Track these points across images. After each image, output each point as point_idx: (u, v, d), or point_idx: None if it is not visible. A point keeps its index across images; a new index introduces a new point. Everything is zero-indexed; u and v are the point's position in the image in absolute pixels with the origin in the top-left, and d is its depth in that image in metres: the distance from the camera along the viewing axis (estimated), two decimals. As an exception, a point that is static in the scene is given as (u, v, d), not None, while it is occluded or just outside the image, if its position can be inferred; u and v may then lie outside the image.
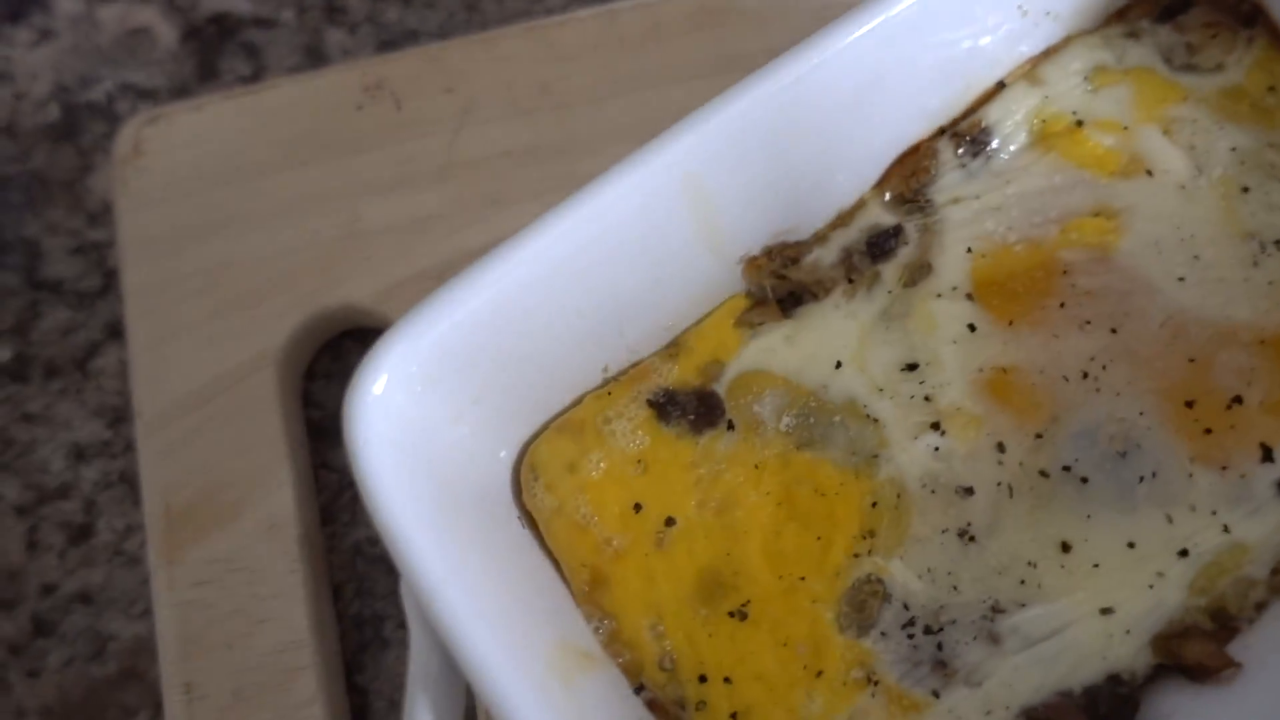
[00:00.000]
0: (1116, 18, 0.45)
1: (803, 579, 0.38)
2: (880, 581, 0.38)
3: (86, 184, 0.55)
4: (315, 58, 0.57)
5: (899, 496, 0.39)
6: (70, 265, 0.54)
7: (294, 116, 0.50)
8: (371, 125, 0.51)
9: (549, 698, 0.32)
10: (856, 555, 0.38)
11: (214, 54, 0.56)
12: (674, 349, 0.41)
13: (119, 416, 0.51)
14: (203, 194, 0.51)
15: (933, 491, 0.39)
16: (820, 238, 0.43)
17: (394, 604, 0.30)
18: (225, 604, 0.45)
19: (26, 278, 0.53)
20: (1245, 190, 0.42)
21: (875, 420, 0.39)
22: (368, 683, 0.46)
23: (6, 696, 0.46)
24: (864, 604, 0.38)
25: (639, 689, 0.38)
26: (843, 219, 0.43)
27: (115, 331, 0.53)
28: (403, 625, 0.30)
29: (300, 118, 0.50)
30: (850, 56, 0.38)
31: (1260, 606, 0.38)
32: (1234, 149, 0.42)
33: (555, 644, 0.35)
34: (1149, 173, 0.42)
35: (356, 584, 0.48)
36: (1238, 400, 0.39)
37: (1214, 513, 0.38)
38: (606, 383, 0.41)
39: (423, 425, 0.35)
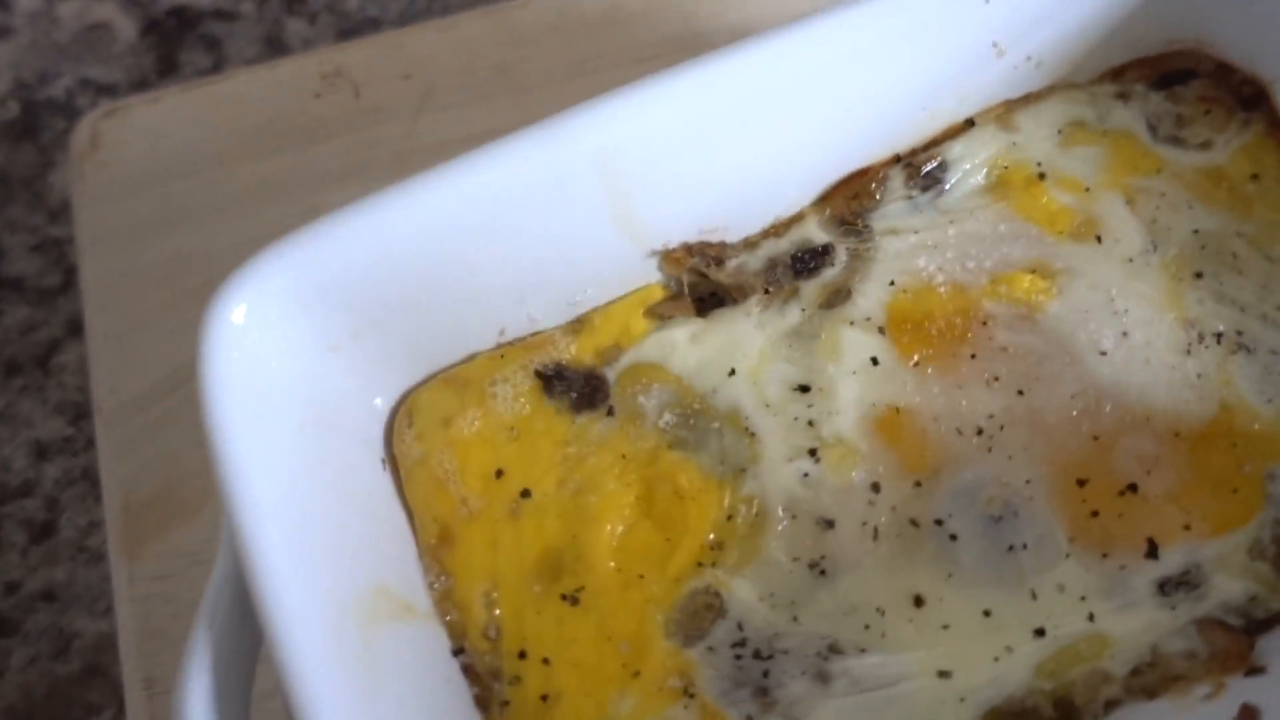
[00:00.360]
0: (1111, 76, 0.43)
1: (641, 577, 0.37)
2: (719, 595, 0.37)
3: (47, 181, 0.56)
4: (276, 48, 0.57)
5: (757, 515, 0.38)
6: (30, 262, 0.54)
7: (252, 107, 0.51)
8: (330, 113, 0.51)
9: (337, 640, 0.32)
10: (700, 564, 0.37)
11: (174, 47, 0.57)
12: (578, 325, 0.41)
13: (80, 413, 0.52)
14: (161, 186, 0.51)
15: (794, 517, 0.37)
16: (750, 244, 0.42)
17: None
18: (187, 597, 0.45)
19: (-14, 275, 0.54)
20: (1198, 276, 0.39)
21: (753, 435, 0.38)
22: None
23: (-32, 697, 0.47)
24: (698, 615, 0.37)
25: (459, 651, 0.38)
26: (777, 229, 0.42)
27: (76, 328, 0.53)
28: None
29: (258, 108, 0.51)
30: (806, 58, 0.37)
31: (1110, 705, 0.36)
32: (1197, 231, 0.40)
33: (370, 589, 0.35)
34: (1099, 239, 0.40)
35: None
36: (1133, 488, 0.37)
37: (1083, 598, 0.36)
38: (500, 346, 0.41)
39: (287, 354, 0.35)
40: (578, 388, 0.40)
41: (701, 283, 0.42)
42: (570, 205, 0.37)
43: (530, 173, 0.36)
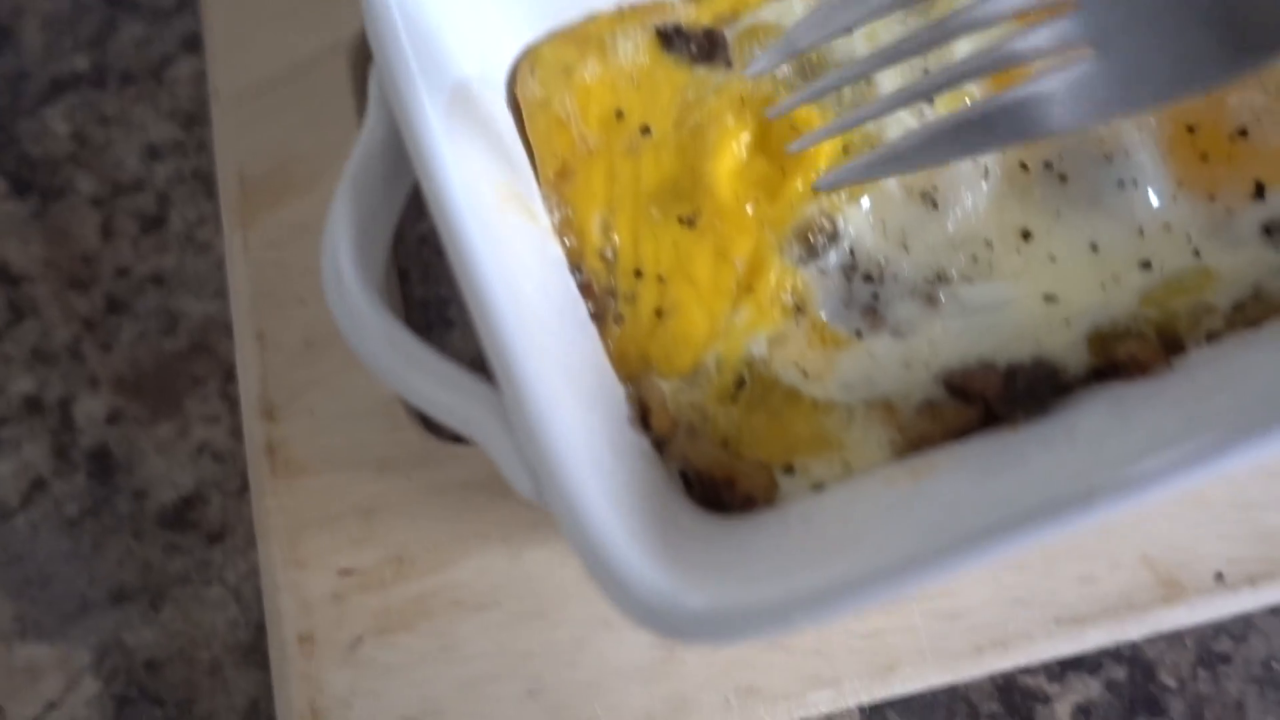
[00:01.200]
0: None
1: (758, 202, 0.38)
2: (833, 221, 0.38)
3: None
4: None
5: (873, 147, 0.39)
6: None
7: None
8: None
9: (479, 202, 0.33)
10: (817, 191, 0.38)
11: None
12: (696, -8, 0.42)
13: (193, 120, 0.54)
14: None
15: (908, 151, 0.38)
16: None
17: (456, 289, 0.31)
18: (299, 263, 0.46)
19: (103, -5, 0.56)
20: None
21: (869, 82, 0.40)
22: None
23: (80, 366, 0.49)
24: (812, 238, 0.38)
25: (576, 271, 0.39)
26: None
27: (190, 45, 0.54)
28: (463, 308, 0.31)
29: None
30: None
31: (1212, 337, 0.37)
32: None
33: (504, 185, 0.37)
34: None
35: (422, 270, 0.49)
36: (1243, 133, 0.38)
37: (1189, 237, 0.37)
38: (621, 7, 0.42)
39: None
40: (698, 43, 0.41)
41: (819, -38, 0.43)
42: None
43: None
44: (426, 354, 0.32)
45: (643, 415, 0.37)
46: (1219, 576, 0.40)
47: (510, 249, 0.34)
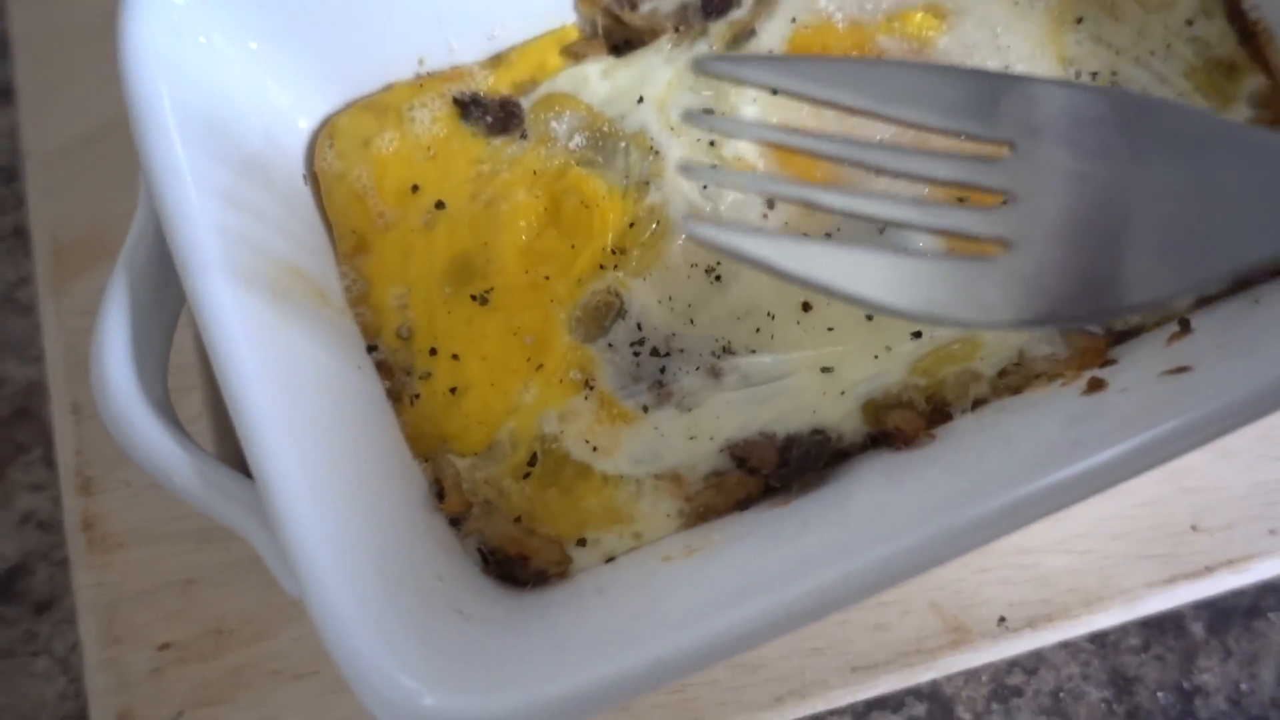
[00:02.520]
0: None
1: (547, 278, 0.39)
2: (619, 296, 0.39)
3: None
4: None
5: (658, 223, 0.40)
6: None
7: None
8: None
9: (248, 288, 0.34)
10: (603, 267, 0.39)
11: None
12: (495, 61, 0.43)
13: (10, 176, 0.53)
14: None
15: (692, 227, 0.40)
16: (663, -11, 0.43)
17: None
18: None
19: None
20: (1079, 20, 0.42)
21: (658, 153, 0.40)
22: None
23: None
24: (600, 313, 0.39)
25: (372, 348, 0.39)
26: (690, -25, 0.43)
27: (5, 94, 0.53)
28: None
29: None
30: None
31: (978, 403, 0.39)
32: (1082, -19, 0.42)
33: (284, 266, 0.37)
34: (990, -17, 0.42)
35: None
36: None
37: (958, 306, 0.39)
38: (420, 76, 0.42)
39: (208, 43, 0.37)
40: (493, 113, 0.41)
41: (615, 28, 0.43)
42: (487, -77, 0.39)
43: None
44: (193, 456, 0.33)
45: (439, 493, 0.38)
46: (1001, 621, 0.42)
47: (286, 341, 0.35)
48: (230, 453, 0.46)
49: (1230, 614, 0.47)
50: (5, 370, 0.50)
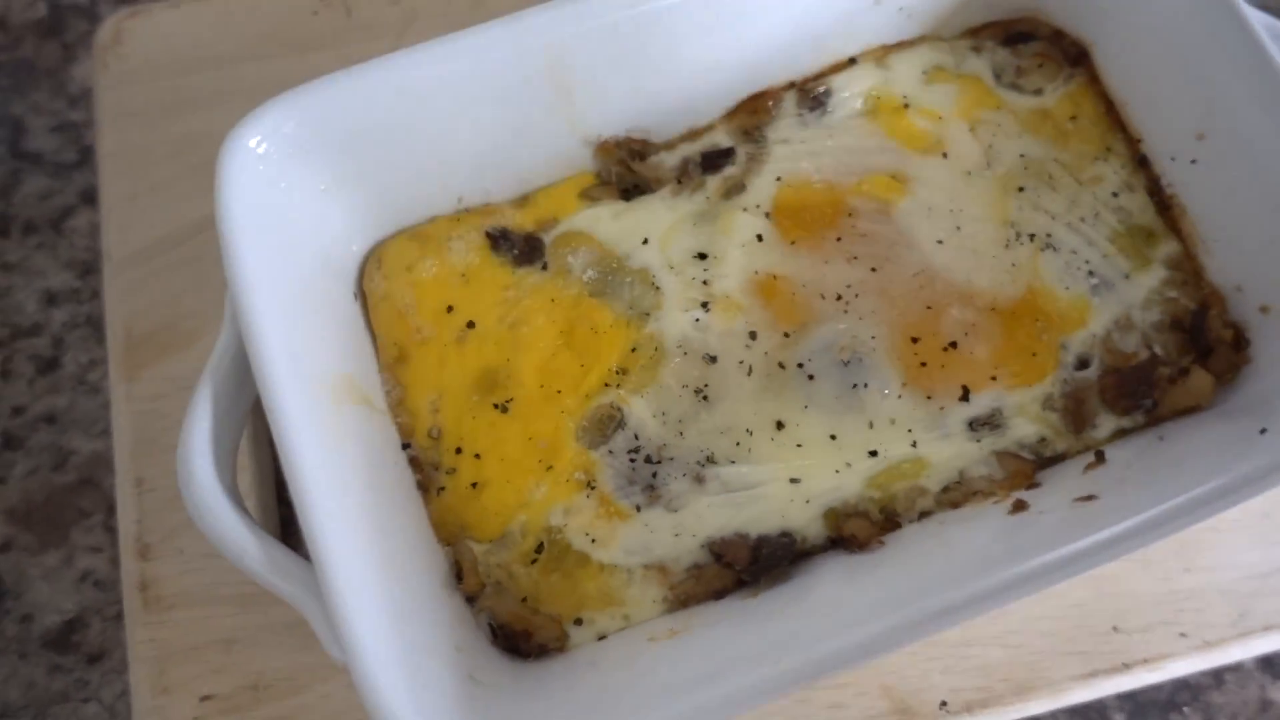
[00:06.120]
0: (970, 34, 0.53)
1: (559, 392, 0.46)
2: (621, 411, 0.46)
3: (69, 72, 0.63)
4: None
5: (656, 349, 0.46)
6: (50, 141, 0.62)
7: (258, 18, 0.59)
8: (325, 29, 0.59)
9: (312, 399, 0.40)
10: (607, 385, 0.46)
11: None
12: (523, 200, 0.50)
13: (88, 269, 0.59)
14: (174, 79, 0.59)
15: (685, 353, 0.46)
16: (669, 145, 0.51)
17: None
18: (176, 414, 0.51)
19: (10, 149, 0.61)
20: (1021, 189, 0.49)
21: (658, 288, 0.47)
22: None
23: (-24, 501, 0.53)
24: (603, 424, 0.46)
25: (406, 445, 0.46)
26: (693, 134, 0.51)
27: (88, 198, 0.60)
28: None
29: (263, 20, 0.59)
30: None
31: (924, 514, 0.45)
32: (1023, 155, 0.50)
33: (341, 376, 0.43)
34: (945, 155, 0.49)
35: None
36: (954, 346, 0.46)
37: (909, 430, 0.46)
38: (458, 211, 0.49)
39: (289, 187, 0.44)
40: (519, 246, 0.49)
41: (626, 174, 0.51)
42: (523, 92, 0.46)
43: (493, 58, 0.44)
44: (260, 540, 0.39)
45: (459, 574, 0.44)
46: (943, 705, 0.48)
47: (341, 441, 0.41)
48: (273, 527, 0.52)
49: (1149, 706, 0.53)
50: (74, 444, 0.56)
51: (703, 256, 0.48)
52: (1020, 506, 0.43)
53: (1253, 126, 0.45)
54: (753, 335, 0.47)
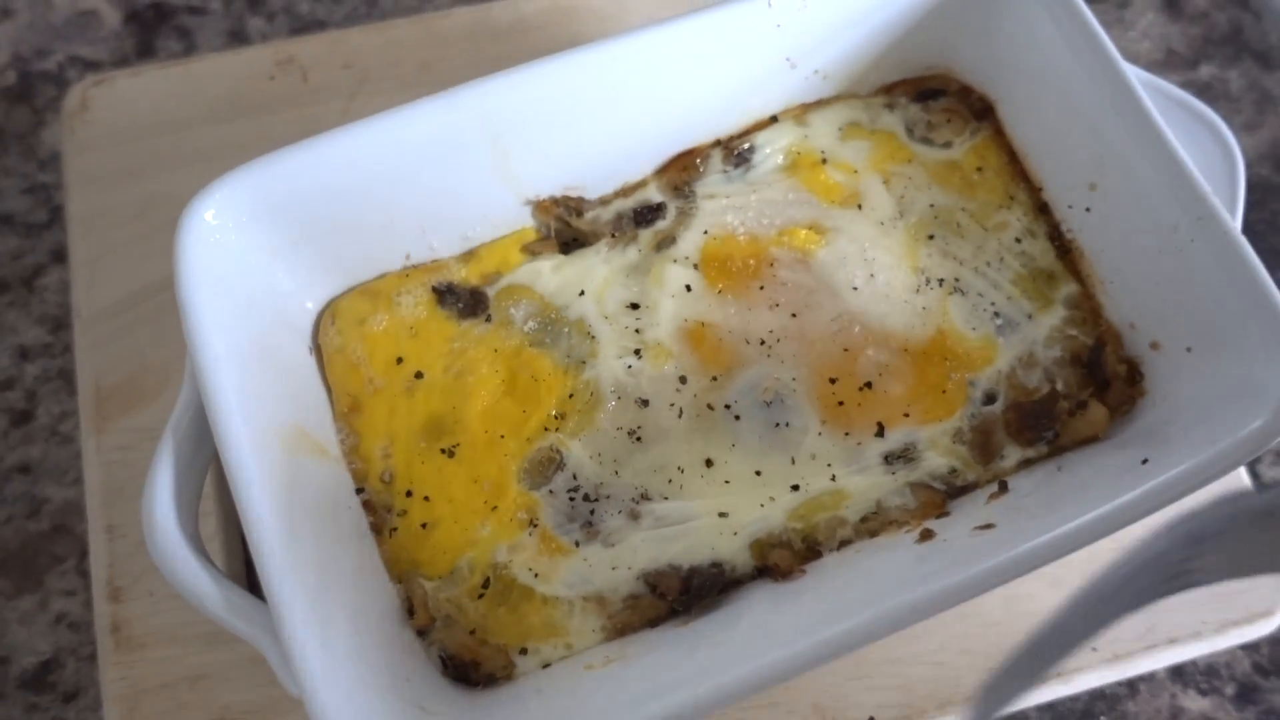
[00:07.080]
0: (884, 91, 0.57)
1: (502, 437, 0.49)
2: (559, 453, 0.49)
3: (39, 137, 0.67)
4: (238, 40, 0.69)
5: (592, 395, 0.50)
6: (21, 202, 0.65)
7: (217, 84, 0.63)
8: (282, 92, 0.63)
9: (266, 452, 0.43)
10: (547, 429, 0.49)
11: (151, 34, 0.69)
12: (467, 256, 0.53)
13: (59, 325, 0.62)
14: (137, 142, 0.62)
15: (619, 397, 0.50)
16: (604, 200, 0.54)
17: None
18: (144, 463, 0.51)
19: (-19, 211, 0.64)
20: (930, 237, 0.53)
21: (593, 337, 0.51)
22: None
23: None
24: (543, 466, 0.49)
25: (360, 490, 0.49)
26: (626, 190, 0.54)
27: (59, 256, 0.63)
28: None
29: (222, 85, 0.63)
30: (645, 59, 0.50)
31: (844, 543, 0.48)
32: (933, 205, 0.53)
33: (294, 428, 0.47)
34: (860, 206, 0.53)
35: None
36: (869, 385, 0.50)
37: (829, 465, 0.49)
38: (406, 268, 0.53)
39: (242, 253, 0.47)
40: (464, 300, 0.52)
41: (564, 229, 0.54)
42: (463, 158, 0.50)
43: (433, 129, 0.48)
44: (220, 584, 0.42)
45: (410, 609, 0.48)
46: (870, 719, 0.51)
47: (293, 490, 0.44)
48: (237, 567, 0.55)
49: (1067, 715, 0.56)
50: (47, 492, 0.59)
51: (635, 306, 0.51)
52: (927, 535, 0.46)
53: (1136, 176, 0.49)
54: (683, 379, 0.50)
